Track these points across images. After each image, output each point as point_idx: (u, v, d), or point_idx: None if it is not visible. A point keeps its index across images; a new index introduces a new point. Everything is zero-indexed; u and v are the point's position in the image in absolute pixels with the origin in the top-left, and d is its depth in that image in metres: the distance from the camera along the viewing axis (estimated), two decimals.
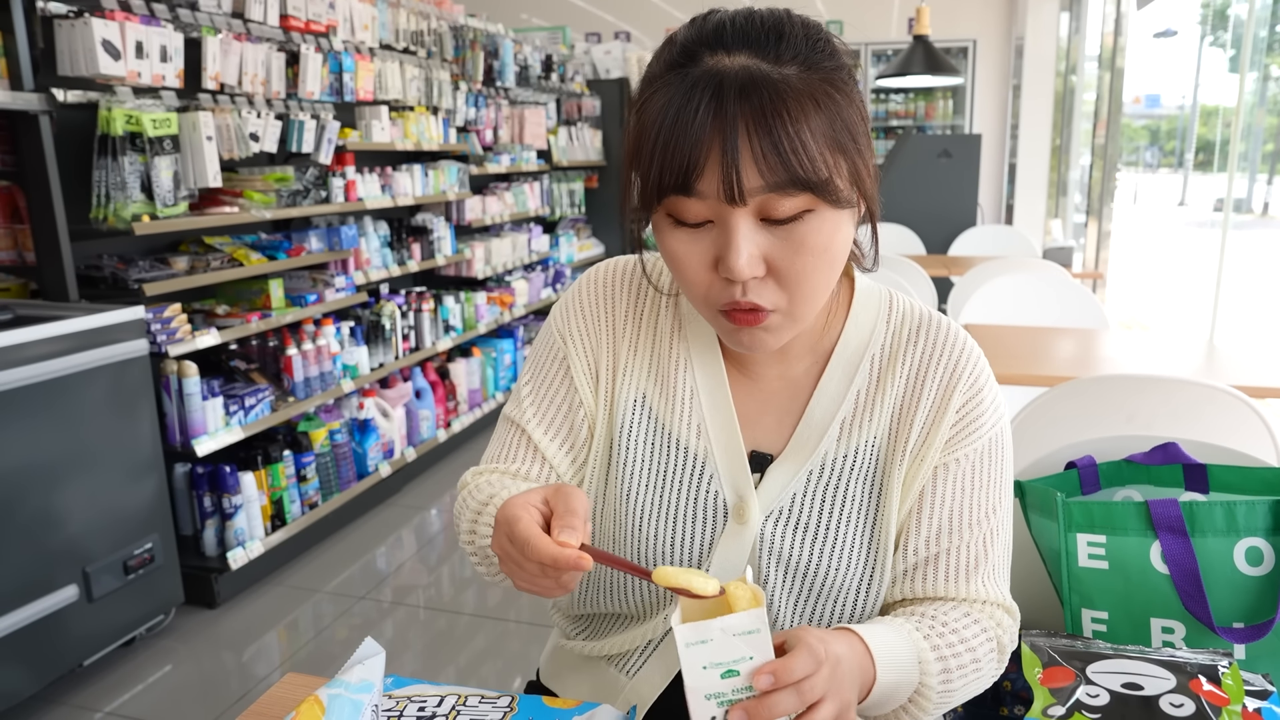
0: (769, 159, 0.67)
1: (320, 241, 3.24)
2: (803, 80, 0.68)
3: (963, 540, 0.83)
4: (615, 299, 0.91)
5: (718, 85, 0.67)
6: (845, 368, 0.86)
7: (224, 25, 2.71)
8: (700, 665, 0.60)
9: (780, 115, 0.66)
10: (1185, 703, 0.59)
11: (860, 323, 0.87)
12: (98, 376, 2.18)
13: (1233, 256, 4.14)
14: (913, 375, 0.84)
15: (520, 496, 0.70)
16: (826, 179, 0.69)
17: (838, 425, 0.84)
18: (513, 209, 4.81)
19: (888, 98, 7.65)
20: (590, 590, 0.92)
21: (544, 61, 5.27)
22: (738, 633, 0.60)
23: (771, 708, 0.61)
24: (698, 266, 0.73)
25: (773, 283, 0.73)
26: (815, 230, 0.71)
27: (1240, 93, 4.98)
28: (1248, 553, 0.95)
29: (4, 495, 1.98)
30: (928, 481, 0.83)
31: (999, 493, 0.84)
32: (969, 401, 0.83)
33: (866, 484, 0.84)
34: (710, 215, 0.71)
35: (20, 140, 2.23)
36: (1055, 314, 2.76)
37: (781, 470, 0.85)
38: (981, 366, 0.85)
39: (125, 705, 2.19)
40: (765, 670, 0.60)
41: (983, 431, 0.83)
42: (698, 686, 0.60)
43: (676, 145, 0.68)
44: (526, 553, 0.65)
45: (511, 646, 2.47)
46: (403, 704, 0.73)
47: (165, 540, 2.42)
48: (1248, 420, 1.44)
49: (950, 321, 0.87)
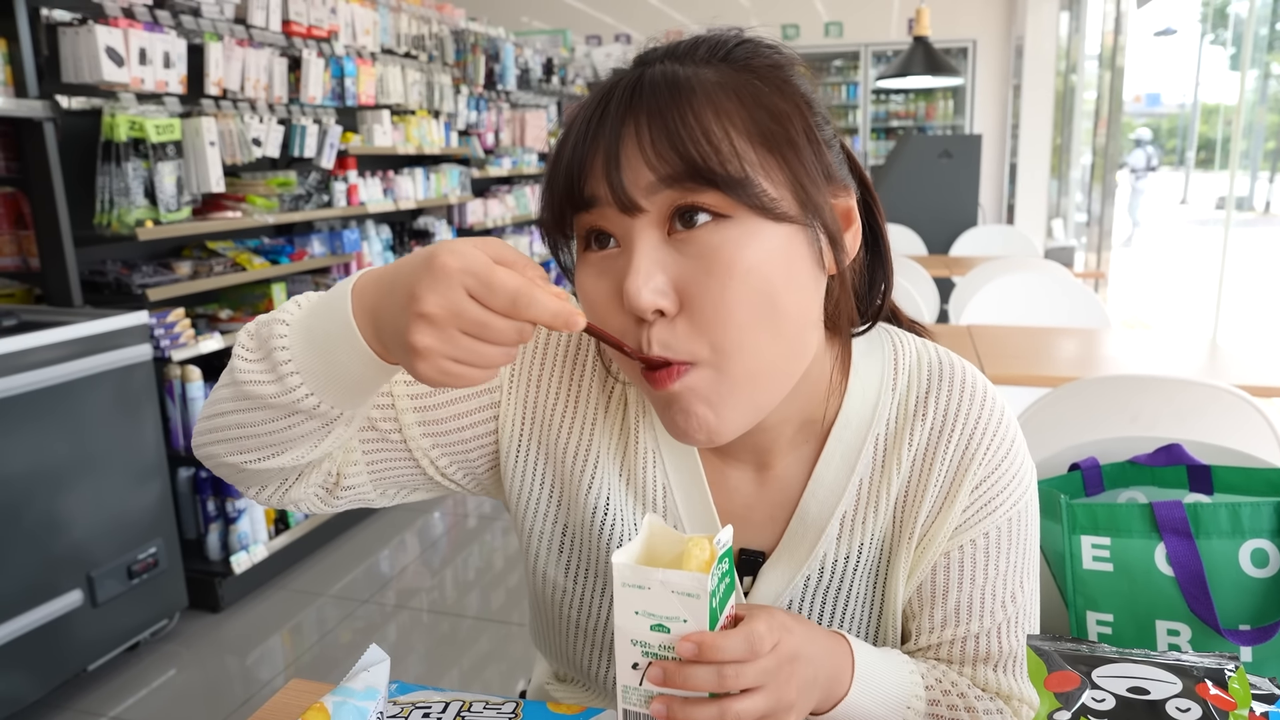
0: (658, 147, 0.56)
1: (323, 245, 3.25)
2: (717, 72, 0.60)
3: (969, 631, 0.72)
4: (584, 366, 0.75)
5: (614, 86, 0.60)
6: (845, 452, 0.71)
7: (226, 31, 2.72)
8: (632, 609, 0.56)
9: (677, 100, 0.57)
10: (1192, 707, 0.59)
11: (861, 395, 0.71)
12: (102, 382, 2.18)
13: (1235, 255, 4.13)
14: (922, 452, 0.70)
15: (444, 241, 0.54)
16: (742, 176, 0.57)
17: (837, 522, 0.71)
18: (514, 212, 4.82)
19: (888, 98, 7.66)
20: (568, 667, 0.84)
21: (545, 65, 5.27)
22: (676, 590, 0.55)
23: (686, 679, 0.55)
24: (606, 304, 0.60)
25: (685, 324, 0.58)
26: (733, 242, 0.57)
27: (1241, 90, 4.98)
28: (1253, 554, 0.95)
29: (9, 500, 1.98)
30: (928, 571, 0.71)
31: (1020, 576, 0.72)
32: (987, 479, 0.70)
33: (870, 579, 0.73)
34: (614, 230, 0.60)
35: (25, 146, 2.24)
36: (1057, 314, 2.76)
37: (775, 575, 0.73)
38: (1005, 430, 0.71)
39: (130, 710, 2.19)
40: (692, 639, 0.54)
41: (1002, 511, 0.70)
42: (625, 628, 0.57)
43: (571, 150, 0.60)
44: (518, 303, 0.51)
45: (515, 650, 2.47)
46: (407, 710, 0.73)
47: (169, 545, 2.42)
48: (1252, 420, 1.44)
49: (969, 371, 0.72)
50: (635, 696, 0.58)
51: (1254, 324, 6.60)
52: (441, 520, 3.42)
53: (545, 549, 0.78)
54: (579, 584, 0.78)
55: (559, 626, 0.81)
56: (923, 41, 4.76)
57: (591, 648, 0.80)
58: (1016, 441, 0.72)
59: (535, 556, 0.79)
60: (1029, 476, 0.72)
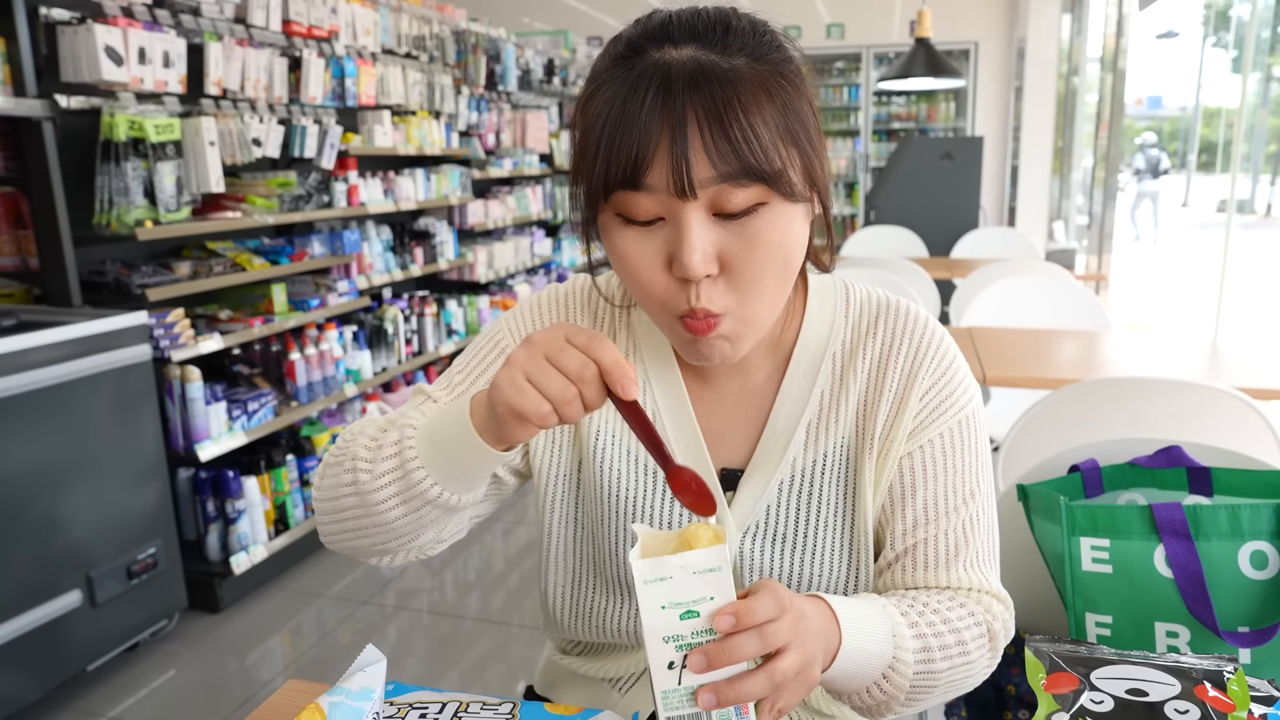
0: (720, 148, 0.64)
1: (323, 246, 3.25)
2: (752, 70, 0.66)
3: (939, 529, 0.80)
4: (572, 318, 0.88)
5: (665, 75, 0.65)
6: (806, 369, 0.83)
7: (226, 31, 2.72)
8: (659, 604, 0.57)
9: (731, 104, 0.64)
10: (1190, 709, 0.59)
11: (818, 321, 0.84)
12: (101, 382, 2.18)
13: (1236, 258, 4.13)
14: (874, 366, 0.82)
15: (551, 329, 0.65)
16: (780, 170, 0.66)
17: (803, 430, 0.82)
18: (515, 213, 4.82)
19: (890, 100, 7.66)
20: (583, 623, 0.90)
21: (546, 65, 5.27)
22: (698, 570, 0.57)
23: (732, 651, 0.57)
24: (650, 268, 0.70)
25: (723, 283, 0.70)
26: (769, 224, 0.68)
27: (1243, 94, 4.98)
28: (1252, 556, 0.95)
29: (8, 500, 1.98)
30: (897, 473, 0.81)
31: (975, 477, 0.81)
32: (933, 386, 0.81)
33: (839, 486, 0.82)
34: (661, 212, 0.68)
35: (24, 146, 2.24)
36: (1058, 316, 2.75)
37: (752, 484, 0.82)
38: (945, 348, 0.82)
39: (129, 710, 2.19)
40: (726, 611, 0.57)
41: (950, 414, 0.81)
42: (655, 627, 0.57)
43: (624, 138, 0.65)
44: (593, 342, 0.62)
45: (514, 651, 2.47)
46: (404, 711, 0.73)
47: (169, 545, 2.42)
48: (1251, 422, 1.44)
49: (910, 304, 0.85)
50: (676, 698, 0.58)
51: (1254, 327, 6.60)
52: None
53: (563, 488, 0.88)
54: (590, 516, 0.87)
55: (572, 575, 0.89)
56: (924, 43, 4.75)
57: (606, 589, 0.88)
58: (958, 359, 0.83)
59: (550, 498, 0.88)
60: (973, 388, 0.83)
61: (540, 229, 5.27)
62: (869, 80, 7.28)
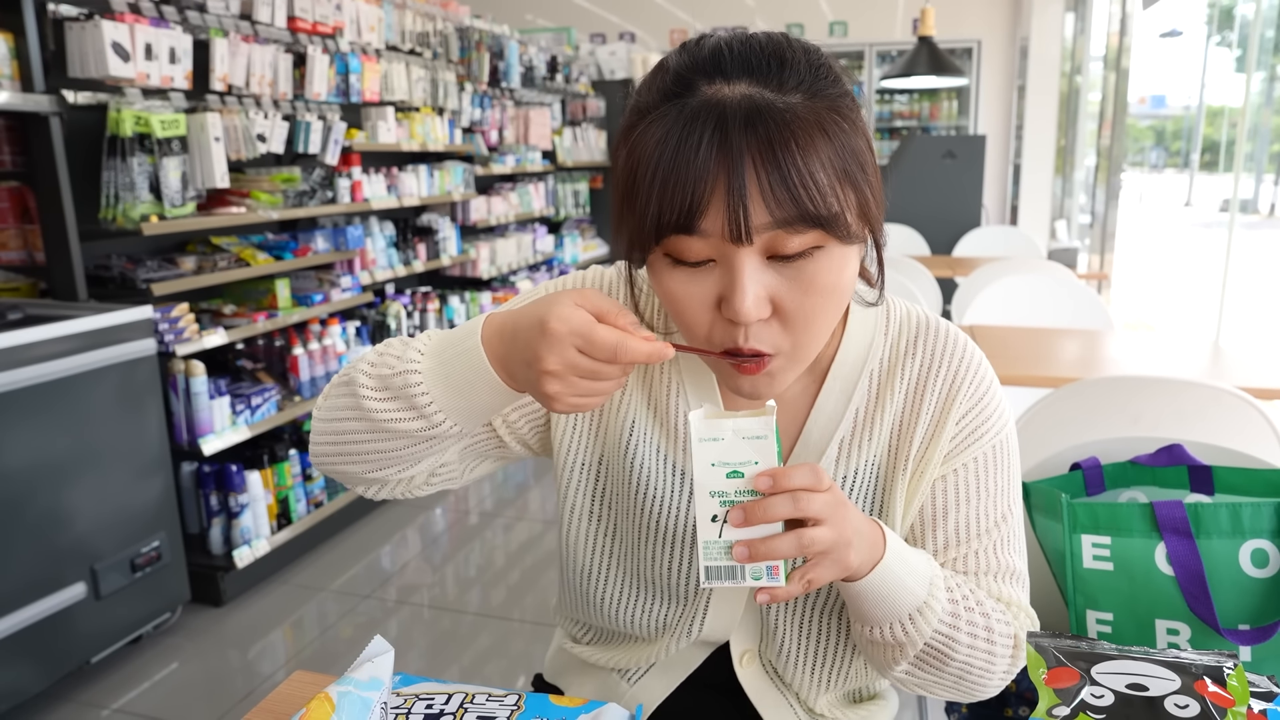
0: (777, 194, 0.62)
1: (326, 242, 3.25)
2: (808, 109, 0.64)
3: (970, 549, 0.80)
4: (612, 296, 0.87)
5: (720, 116, 0.63)
6: (843, 385, 0.82)
7: (232, 27, 2.72)
8: (709, 461, 0.64)
9: (788, 147, 0.62)
10: (1190, 704, 0.59)
11: (858, 337, 0.83)
12: (106, 376, 2.19)
13: (1239, 257, 4.13)
14: (912, 387, 0.81)
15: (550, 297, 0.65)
16: (837, 213, 0.65)
17: (836, 446, 0.81)
18: (518, 209, 4.82)
19: (892, 98, 7.65)
20: (596, 610, 0.91)
21: (549, 62, 5.27)
22: (747, 436, 0.63)
23: (767, 510, 0.62)
24: (699, 308, 0.69)
25: (777, 325, 0.69)
26: (825, 269, 0.67)
27: (1247, 93, 4.97)
28: (1253, 555, 0.96)
29: (13, 493, 1.99)
30: (929, 495, 0.80)
31: (1007, 500, 0.81)
32: (971, 410, 0.80)
33: (868, 505, 0.82)
34: (713, 254, 0.66)
35: (31, 141, 2.24)
36: (1060, 315, 2.76)
37: None
38: (984, 372, 0.82)
39: (132, 703, 2.20)
40: (766, 473, 0.63)
41: (986, 439, 0.80)
42: (704, 482, 0.64)
43: (678, 181, 0.63)
44: (619, 354, 0.63)
45: (515, 646, 2.48)
46: (410, 702, 0.74)
47: (172, 538, 2.43)
48: (1253, 421, 1.44)
49: (950, 326, 0.84)
50: (716, 550, 0.65)
51: (1257, 326, 6.59)
52: (443, 516, 3.43)
53: (582, 477, 0.88)
54: (612, 510, 0.87)
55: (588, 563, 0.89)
56: (927, 41, 4.75)
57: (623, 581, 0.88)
58: (994, 384, 0.83)
59: (569, 484, 0.88)
60: (1007, 413, 0.83)
61: (543, 225, 5.27)
62: (871, 78, 7.28)
